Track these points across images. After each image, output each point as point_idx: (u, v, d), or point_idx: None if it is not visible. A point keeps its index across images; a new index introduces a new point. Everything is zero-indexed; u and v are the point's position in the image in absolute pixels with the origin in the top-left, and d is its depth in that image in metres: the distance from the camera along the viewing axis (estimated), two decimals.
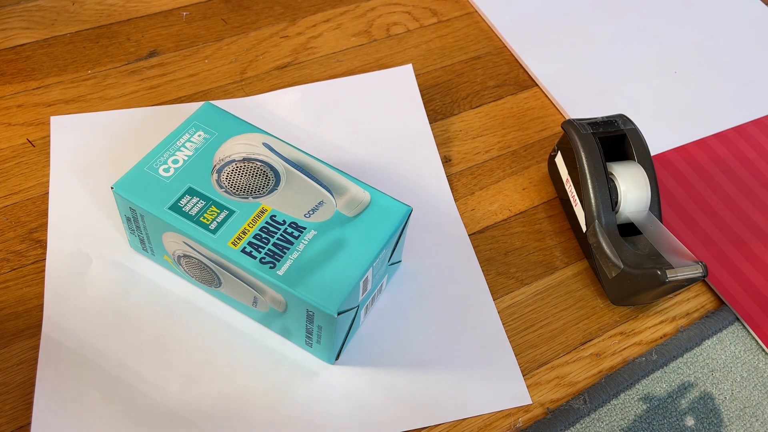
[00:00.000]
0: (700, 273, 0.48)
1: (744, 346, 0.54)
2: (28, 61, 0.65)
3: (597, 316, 0.54)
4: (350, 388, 0.48)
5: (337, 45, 0.70)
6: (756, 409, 0.51)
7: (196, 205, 0.46)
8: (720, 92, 0.72)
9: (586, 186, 0.54)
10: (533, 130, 0.66)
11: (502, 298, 0.54)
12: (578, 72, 0.71)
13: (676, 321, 0.55)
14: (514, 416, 0.49)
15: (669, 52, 0.75)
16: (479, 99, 0.68)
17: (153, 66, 0.66)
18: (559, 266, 0.57)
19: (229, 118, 0.52)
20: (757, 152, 0.66)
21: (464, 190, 0.61)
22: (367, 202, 0.48)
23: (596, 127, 0.56)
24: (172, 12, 0.71)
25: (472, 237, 0.58)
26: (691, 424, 0.50)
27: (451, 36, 0.73)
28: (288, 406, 0.47)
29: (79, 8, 0.70)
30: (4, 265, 0.52)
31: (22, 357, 0.48)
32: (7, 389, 0.46)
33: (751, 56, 0.75)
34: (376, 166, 0.61)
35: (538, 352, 0.52)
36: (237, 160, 0.49)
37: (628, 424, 0.49)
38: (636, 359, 0.52)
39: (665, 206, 0.61)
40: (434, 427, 0.48)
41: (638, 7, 0.79)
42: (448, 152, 0.63)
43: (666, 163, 0.64)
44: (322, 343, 0.47)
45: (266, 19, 0.72)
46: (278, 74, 0.67)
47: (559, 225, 0.59)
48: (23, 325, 0.49)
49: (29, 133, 0.60)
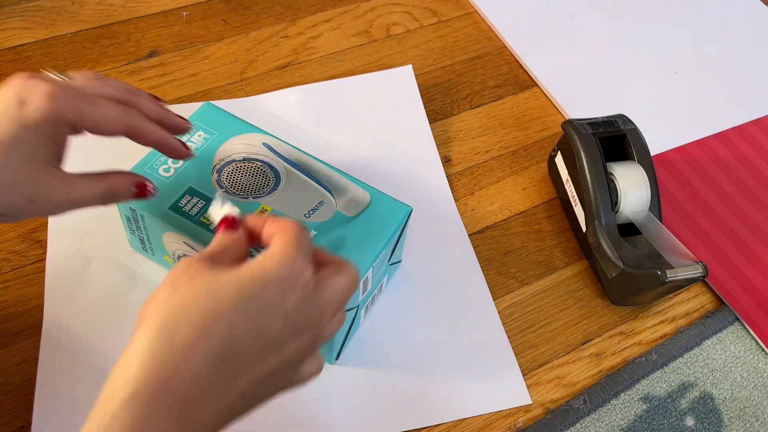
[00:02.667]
0: (700, 273, 0.48)
1: (744, 346, 0.54)
2: (28, 61, 0.65)
3: (597, 316, 0.54)
4: (350, 388, 0.48)
5: (337, 45, 0.71)
6: (756, 409, 0.51)
7: (196, 205, 0.46)
8: (720, 92, 0.71)
9: (586, 186, 0.54)
10: (533, 130, 0.66)
11: (502, 298, 0.54)
12: (578, 72, 0.71)
13: (676, 321, 0.55)
14: (514, 416, 0.49)
15: (669, 52, 0.74)
16: (479, 99, 0.68)
17: (153, 66, 0.66)
18: (559, 266, 0.57)
19: (229, 118, 0.52)
20: (757, 152, 0.66)
21: (464, 190, 0.61)
22: (367, 202, 0.48)
23: (596, 127, 0.56)
24: (172, 12, 0.71)
25: (472, 237, 0.58)
26: (691, 424, 0.50)
27: (451, 36, 0.73)
28: (288, 406, 0.47)
29: (79, 8, 0.70)
30: (4, 265, 0.52)
31: (22, 357, 0.48)
32: (7, 389, 0.46)
33: (751, 56, 0.75)
34: (376, 166, 0.61)
35: (538, 352, 0.52)
36: (237, 160, 0.49)
37: (628, 424, 0.49)
38: (636, 359, 0.52)
39: (665, 206, 0.61)
40: (434, 427, 0.48)
41: (638, 7, 0.79)
42: (448, 152, 0.63)
43: (666, 163, 0.64)
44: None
45: (266, 19, 0.72)
46: (278, 74, 0.67)
47: (559, 225, 0.59)
48: (23, 325, 0.49)
49: None
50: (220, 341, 0.29)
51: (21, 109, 0.35)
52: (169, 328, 0.29)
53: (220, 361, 0.29)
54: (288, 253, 0.32)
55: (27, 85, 0.35)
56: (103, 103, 0.37)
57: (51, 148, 0.37)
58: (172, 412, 0.28)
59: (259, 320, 0.31)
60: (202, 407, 0.29)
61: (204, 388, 0.29)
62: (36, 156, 0.36)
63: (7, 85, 0.36)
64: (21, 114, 0.35)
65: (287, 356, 0.32)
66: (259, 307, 0.31)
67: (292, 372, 0.34)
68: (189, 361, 0.29)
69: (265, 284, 0.31)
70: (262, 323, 0.31)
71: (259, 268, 0.32)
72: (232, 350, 0.30)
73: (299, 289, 0.32)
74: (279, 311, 0.31)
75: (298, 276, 0.32)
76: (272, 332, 0.31)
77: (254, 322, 0.30)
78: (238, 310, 0.30)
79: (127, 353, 0.29)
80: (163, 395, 0.28)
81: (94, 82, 0.39)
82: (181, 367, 0.29)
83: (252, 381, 0.31)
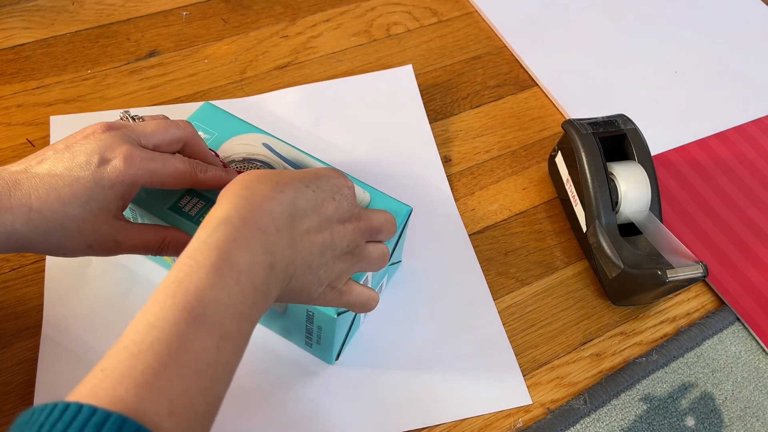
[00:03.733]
0: (701, 273, 0.48)
1: (744, 347, 0.54)
2: (28, 61, 0.65)
3: (597, 316, 0.54)
4: (350, 389, 0.48)
5: (337, 45, 0.70)
6: (757, 410, 0.51)
7: (195, 205, 0.46)
8: (720, 92, 0.71)
9: (586, 186, 0.54)
10: (533, 130, 0.66)
11: (502, 298, 0.54)
12: (578, 72, 0.71)
13: (677, 321, 0.55)
14: (514, 416, 0.49)
15: (669, 52, 0.74)
16: (479, 99, 0.68)
17: (153, 66, 0.66)
18: (559, 266, 0.57)
19: (229, 118, 0.52)
20: (757, 152, 0.66)
21: (464, 190, 0.61)
22: (367, 202, 0.48)
23: (596, 127, 0.56)
24: (172, 12, 0.71)
25: (472, 237, 0.57)
26: (692, 425, 0.50)
27: (451, 36, 0.73)
28: (288, 406, 0.47)
29: (78, 8, 0.70)
30: (4, 265, 0.52)
31: (22, 357, 0.48)
32: (7, 389, 0.46)
33: (751, 56, 0.75)
34: (376, 166, 0.61)
35: (538, 352, 0.52)
36: (237, 160, 0.49)
37: (629, 424, 0.49)
38: (636, 359, 0.52)
39: (665, 206, 0.61)
40: (434, 427, 0.48)
41: (638, 7, 0.79)
42: (448, 152, 0.63)
43: (666, 163, 0.64)
44: (322, 344, 0.47)
45: (266, 18, 0.72)
46: (278, 74, 0.67)
47: (559, 225, 0.59)
48: (23, 325, 0.49)
49: (29, 132, 0.60)
50: (290, 199, 0.36)
51: (100, 168, 0.39)
52: (250, 187, 0.36)
53: (288, 215, 0.36)
54: (336, 170, 0.41)
55: (108, 143, 0.39)
56: (171, 163, 0.42)
57: (119, 203, 0.40)
58: (257, 236, 0.34)
59: (318, 197, 0.37)
60: (278, 246, 0.35)
61: (279, 228, 0.35)
62: (104, 211, 0.40)
63: (93, 137, 0.40)
64: (99, 173, 0.39)
65: (338, 236, 0.38)
66: (315, 189, 0.38)
67: (350, 254, 0.39)
68: (268, 206, 0.35)
69: (319, 175, 0.39)
70: (319, 200, 0.37)
71: (313, 168, 0.40)
72: (298, 210, 0.36)
73: (346, 188, 0.39)
74: (329, 197, 0.38)
75: (344, 180, 0.40)
76: (326, 211, 0.38)
77: (314, 197, 0.37)
78: (301, 185, 0.37)
79: (215, 209, 0.35)
80: (252, 222, 0.34)
81: (162, 126, 0.43)
82: (263, 207, 0.35)
83: (312, 243, 0.37)
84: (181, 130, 0.44)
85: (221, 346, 0.31)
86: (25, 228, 0.38)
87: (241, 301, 0.32)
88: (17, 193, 0.38)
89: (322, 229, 0.37)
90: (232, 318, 0.32)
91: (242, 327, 0.33)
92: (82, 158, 0.39)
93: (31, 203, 0.38)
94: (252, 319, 0.34)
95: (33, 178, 0.38)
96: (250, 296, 0.33)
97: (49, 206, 0.38)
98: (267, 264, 0.34)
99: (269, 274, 0.34)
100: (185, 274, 0.32)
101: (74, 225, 0.39)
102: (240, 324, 0.32)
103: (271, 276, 0.34)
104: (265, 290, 0.34)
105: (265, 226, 0.35)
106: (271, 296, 0.35)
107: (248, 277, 0.33)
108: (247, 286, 0.33)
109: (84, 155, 0.39)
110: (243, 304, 0.33)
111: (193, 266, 0.32)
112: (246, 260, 0.33)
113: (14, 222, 0.37)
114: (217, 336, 0.31)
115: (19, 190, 0.38)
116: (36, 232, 0.38)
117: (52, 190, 0.38)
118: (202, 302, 0.31)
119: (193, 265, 0.32)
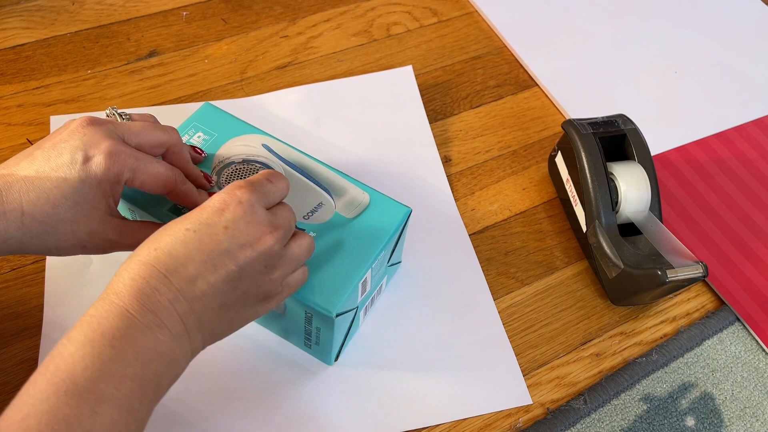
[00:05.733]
0: (701, 273, 0.48)
1: (744, 347, 0.54)
2: (28, 61, 0.65)
3: (597, 316, 0.54)
4: (350, 389, 0.48)
5: (337, 45, 0.70)
6: (756, 410, 0.51)
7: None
8: (720, 92, 0.71)
9: (586, 186, 0.54)
10: (533, 130, 0.66)
11: (502, 298, 0.54)
12: (578, 72, 0.71)
13: (677, 321, 0.55)
14: (515, 416, 0.49)
15: (669, 52, 0.74)
16: (479, 99, 0.68)
17: (153, 66, 0.66)
18: (559, 266, 0.57)
19: (229, 119, 0.52)
20: (757, 152, 0.66)
21: (464, 190, 0.61)
22: (367, 203, 0.48)
23: (596, 127, 0.56)
24: (172, 12, 0.71)
25: (472, 237, 0.57)
26: (692, 425, 0.50)
27: (451, 36, 0.73)
28: (288, 406, 0.47)
29: (78, 8, 0.70)
30: (4, 265, 0.52)
31: (22, 357, 0.48)
32: (7, 389, 0.46)
33: (751, 56, 0.75)
34: (375, 166, 0.61)
35: (538, 352, 0.52)
36: (236, 161, 0.49)
37: (629, 424, 0.49)
38: (636, 359, 0.52)
39: (665, 206, 0.61)
40: (434, 427, 0.48)
41: (638, 7, 0.79)
42: (448, 152, 0.63)
43: (666, 163, 0.64)
44: (321, 345, 0.47)
45: (266, 19, 0.72)
46: (278, 74, 0.67)
47: (559, 225, 0.59)
48: (23, 325, 0.49)
49: (29, 132, 0.60)
50: (165, 251, 0.36)
51: (85, 165, 0.39)
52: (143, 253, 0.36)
53: (170, 265, 0.35)
54: (222, 193, 0.38)
55: (92, 138, 0.39)
56: (154, 165, 0.41)
57: (108, 200, 0.41)
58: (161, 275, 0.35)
59: (201, 234, 0.36)
60: (183, 285, 0.35)
61: (180, 273, 0.35)
62: (95, 210, 0.40)
63: (76, 133, 0.40)
64: (84, 171, 0.39)
65: (243, 263, 0.37)
66: (198, 226, 0.37)
67: (272, 267, 0.38)
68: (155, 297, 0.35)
69: (202, 209, 0.38)
70: (204, 235, 0.36)
71: (199, 207, 0.39)
72: (178, 261, 0.35)
73: (234, 205, 0.37)
74: (219, 230, 0.37)
75: (231, 198, 0.38)
76: (218, 244, 0.36)
77: (196, 236, 0.36)
78: (179, 229, 0.37)
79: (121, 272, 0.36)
80: (156, 265, 0.35)
81: (149, 127, 0.43)
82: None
83: (211, 284, 0.36)
84: (167, 134, 0.43)
85: (97, 410, 0.31)
86: (19, 232, 0.38)
87: (121, 365, 0.33)
88: (9, 197, 0.38)
89: (219, 265, 0.36)
90: (108, 383, 0.32)
91: (124, 388, 0.33)
92: (66, 156, 0.39)
93: (23, 208, 0.38)
94: (144, 377, 0.34)
95: (22, 181, 0.38)
96: (133, 359, 0.33)
97: (41, 209, 0.38)
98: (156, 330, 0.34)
99: (172, 341, 0.35)
100: (57, 348, 0.33)
101: (66, 226, 0.39)
102: (121, 386, 0.32)
103: (171, 341, 0.35)
104: (162, 351, 0.35)
105: (168, 268, 0.35)
106: (182, 349, 0.36)
107: (129, 343, 0.34)
108: (128, 349, 0.33)
109: (68, 153, 0.39)
110: (124, 368, 0.33)
111: (66, 339, 0.34)
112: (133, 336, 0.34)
113: (8, 227, 0.37)
114: (92, 402, 0.31)
115: (11, 195, 0.38)
116: (30, 236, 0.38)
117: (42, 193, 0.38)
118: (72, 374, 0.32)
119: (67, 338, 0.34)
